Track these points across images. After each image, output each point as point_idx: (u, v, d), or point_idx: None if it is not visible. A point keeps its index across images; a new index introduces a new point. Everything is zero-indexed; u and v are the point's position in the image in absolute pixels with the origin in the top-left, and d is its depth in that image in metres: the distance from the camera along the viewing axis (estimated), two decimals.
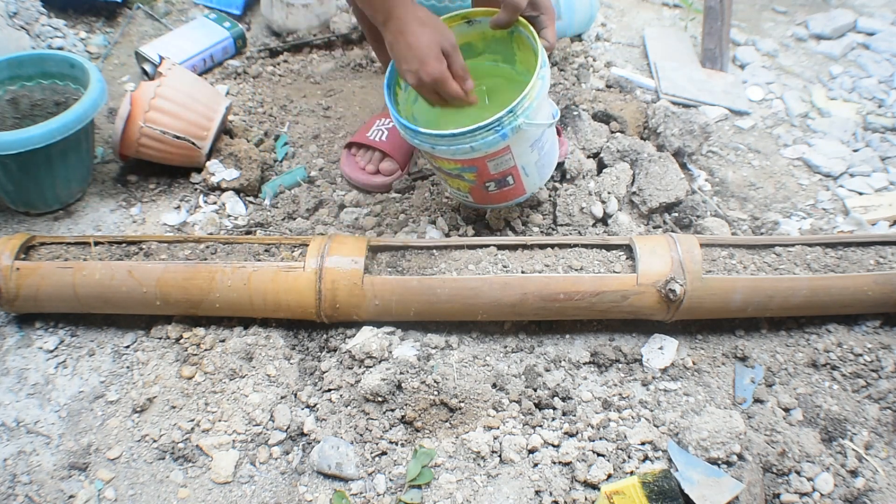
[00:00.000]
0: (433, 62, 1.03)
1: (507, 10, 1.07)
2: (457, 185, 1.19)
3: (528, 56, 1.17)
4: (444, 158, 1.11)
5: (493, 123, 1.04)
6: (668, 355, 1.12)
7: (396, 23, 1.02)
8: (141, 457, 1.02)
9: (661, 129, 1.40)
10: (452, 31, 1.12)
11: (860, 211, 1.39)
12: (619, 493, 0.91)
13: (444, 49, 1.03)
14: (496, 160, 1.10)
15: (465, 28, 1.17)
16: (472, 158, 1.09)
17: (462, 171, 1.13)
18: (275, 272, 1.08)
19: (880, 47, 1.85)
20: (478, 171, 1.12)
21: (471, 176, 1.14)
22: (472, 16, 1.16)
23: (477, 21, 1.16)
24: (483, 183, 1.15)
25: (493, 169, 1.12)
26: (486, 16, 1.14)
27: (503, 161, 1.11)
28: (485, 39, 1.20)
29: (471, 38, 1.19)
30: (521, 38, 1.15)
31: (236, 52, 1.75)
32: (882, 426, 1.05)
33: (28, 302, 1.12)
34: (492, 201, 1.21)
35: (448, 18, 1.16)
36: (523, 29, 1.11)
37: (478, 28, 1.17)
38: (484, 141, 1.05)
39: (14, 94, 1.38)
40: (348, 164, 1.42)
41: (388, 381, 1.03)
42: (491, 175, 1.13)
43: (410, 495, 0.96)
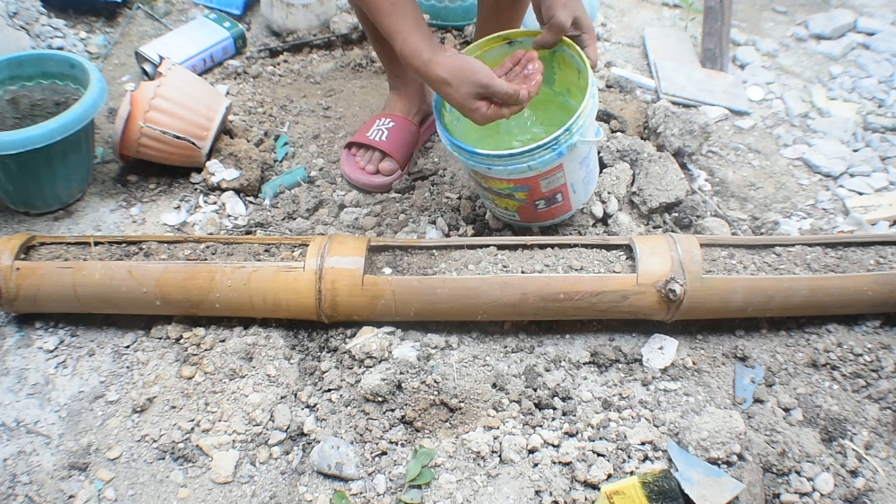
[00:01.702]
0: (472, 114, 1.04)
1: (552, 30, 1.09)
2: (505, 205, 1.20)
3: (568, 75, 1.19)
4: (497, 178, 1.11)
5: (551, 142, 1.05)
6: (668, 355, 1.12)
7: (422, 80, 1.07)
8: (141, 457, 1.02)
9: (661, 129, 1.40)
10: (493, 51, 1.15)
11: (860, 211, 1.39)
12: (619, 493, 0.91)
13: (478, 94, 1.02)
14: (549, 178, 1.11)
15: (506, 49, 1.18)
16: (527, 177, 1.10)
17: (514, 191, 1.14)
18: (275, 272, 1.08)
19: (880, 47, 1.85)
20: (530, 190, 1.13)
21: (522, 195, 1.15)
22: (513, 37, 1.17)
23: (518, 42, 1.17)
24: (533, 201, 1.16)
25: (544, 187, 1.13)
26: (527, 37, 1.15)
27: (555, 179, 1.12)
28: None
29: None
30: (564, 57, 1.16)
31: (236, 52, 1.75)
32: (882, 426, 1.05)
33: (28, 302, 1.12)
34: (539, 219, 1.22)
35: (489, 40, 1.17)
36: (567, 48, 1.12)
37: (518, 48, 1.17)
38: (541, 159, 1.06)
39: (14, 94, 1.38)
40: (348, 163, 1.42)
41: (388, 381, 1.03)
42: (542, 193, 1.14)
43: (410, 495, 0.96)
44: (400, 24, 1.01)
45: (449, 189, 1.40)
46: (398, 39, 1.01)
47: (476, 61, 1.03)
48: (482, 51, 1.17)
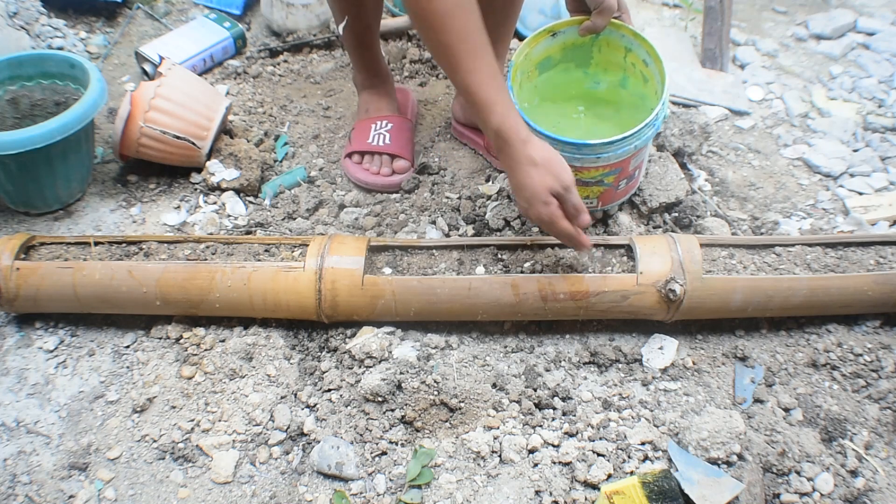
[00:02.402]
0: (540, 206, 1.00)
1: (603, 14, 1.13)
2: (587, 194, 1.21)
3: (610, 56, 1.23)
4: (595, 167, 1.13)
5: (653, 119, 1.10)
6: (668, 355, 1.12)
7: (507, 159, 1.01)
8: (141, 457, 1.02)
9: (661, 129, 1.40)
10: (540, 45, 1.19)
11: (860, 211, 1.39)
12: (619, 493, 0.91)
13: (554, 192, 0.99)
14: (639, 155, 1.15)
15: (550, 41, 1.21)
16: (625, 158, 1.13)
17: (605, 176, 1.16)
18: (275, 272, 1.08)
19: (880, 47, 1.85)
20: (620, 172, 1.16)
21: (611, 179, 1.17)
22: (557, 28, 1.19)
23: (561, 32, 1.20)
24: (618, 182, 1.19)
25: (633, 165, 1.16)
26: (570, 26, 1.18)
27: (641, 155, 1.16)
28: (564, 49, 1.23)
29: (552, 51, 1.23)
30: (610, 39, 1.20)
31: (236, 52, 1.75)
32: (882, 426, 1.05)
33: (28, 302, 1.12)
34: (616, 199, 1.25)
35: (535, 36, 1.19)
36: (615, 29, 1.17)
37: (560, 39, 1.21)
38: (645, 137, 1.11)
39: (14, 94, 1.38)
40: (360, 171, 1.41)
41: (388, 381, 1.03)
42: (629, 172, 1.18)
43: (410, 495, 0.96)
44: (500, 97, 0.98)
45: (449, 189, 1.40)
46: (497, 111, 0.97)
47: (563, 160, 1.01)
48: (530, 47, 1.20)
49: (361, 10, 1.31)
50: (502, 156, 1.02)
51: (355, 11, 1.31)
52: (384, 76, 1.47)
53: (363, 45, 1.39)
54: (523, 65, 1.20)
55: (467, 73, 0.97)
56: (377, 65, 1.44)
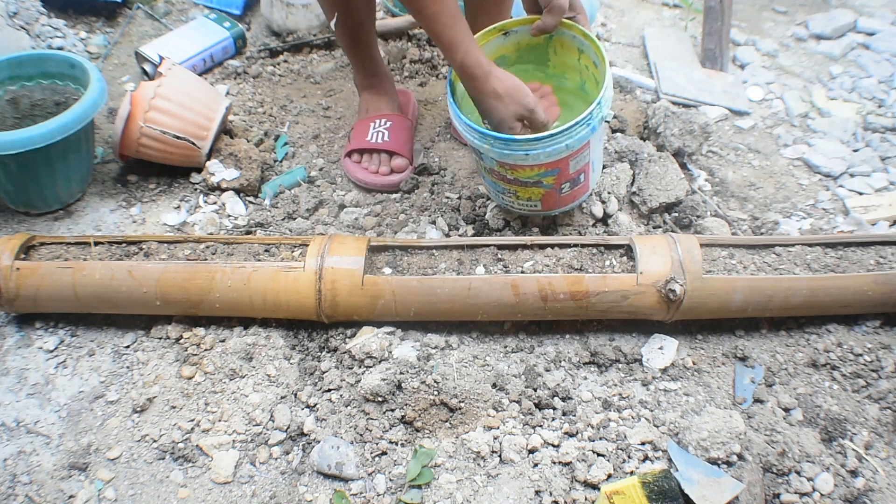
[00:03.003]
0: (506, 132, 1.11)
1: (552, 13, 1.12)
2: (528, 195, 1.19)
3: (565, 58, 1.21)
4: (529, 165, 1.11)
5: (586, 118, 1.07)
6: (668, 355, 1.12)
7: (473, 91, 1.11)
8: (141, 457, 1.02)
9: (661, 129, 1.40)
10: (490, 43, 1.18)
11: (860, 211, 1.39)
12: (619, 493, 0.91)
13: (519, 116, 1.10)
14: (578, 157, 1.12)
15: (502, 40, 1.20)
16: (560, 159, 1.11)
17: (542, 177, 1.14)
18: (275, 272, 1.08)
19: (880, 47, 1.85)
20: (559, 173, 1.14)
21: (550, 180, 1.15)
22: (508, 27, 1.18)
23: (514, 31, 1.18)
24: (560, 185, 1.16)
25: (573, 167, 1.14)
26: (523, 25, 1.17)
27: (582, 157, 1.13)
28: (518, 49, 1.22)
29: (505, 50, 1.21)
30: (563, 39, 1.18)
31: (236, 52, 1.75)
32: (882, 426, 1.05)
33: (28, 302, 1.12)
34: (562, 204, 1.22)
35: (486, 33, 1.18)
36: (567, 30, 1.15)
37: (513, 38, 1.20)
38: (578, 136, 1.08)
39: (14, 94, 1.38)
40: (359, 170, 1.41)
41: (388, 381, 1.03)
42: (570, 175, 1.15)
43: (410, 495, 0.96)
44: (462, 36, 1.07)
45: (449, 189, 1.40)
46: (460, 49, 1.07)
47: (524, 85, 1.10)
48: (480, 44, 1.17)
49: (350, 8, 1.31)
50: (468, 89, 1.11)
51: (344, 7, 1.31)
52: (383, 76, 1.47)
53: (358, 43, 1.39)
54: None
55: (431, 17, 1.06)
56: (376, 64, 1.44)
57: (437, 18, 1.07)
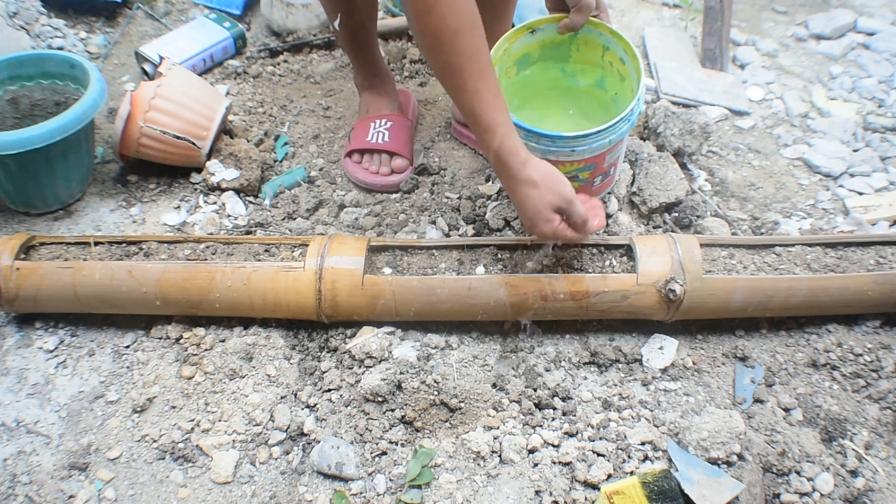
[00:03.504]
0: (543, 224, 1.01)
1: (581, 12, 1.13)
2: None
3: (588, 55, 1.23)
4: (571, 161, 1.13)
5: (628, 114, 1.09)
6: (668, 355, 1.12)
7: (507, 179, 1.01)
8: (141, 457, 1.02)
9: (661, 129, 1.40)
10: (518, 42, 1.19)
11: (860, 211, 1.39)
12: (619, 493, 0.91)
13: (556, 208, 1.01)
14: (614, 151, 1.15)
15: (529, 38, 1.21)
16: (599, 154, 1.12)
17: (580, 171, 1.16)
18: (275, 272, 1.08)
19: (880, 47, 1.85)
20: (595, 168, 1.16)
21: (586, 174, 1.17)
22: (536, 25, 1.19)
23: (540, 29, 1.20)
24: (593, 179, 1.18)
25: (607, 161, 1.16)
26: (550, 23, 1.18)
27: (616, 151, 1.16)
28: (542, 47, 1.23)
29: (530, 48, 1.23)
30: (588, 37, 1.20)
31: (236, 52, 1.75)
32: (882, 426, 1.05)
33: (28, 302, 1.12)
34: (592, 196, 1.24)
35: (515, 31, 1.19)
36: (593, 27, 1.17)
37: (539, 36, 1.21)
38: (620, 132, 1.10)
39: (14, 94, 1.38)
40: (359, 171, 1.41)
41: (388, 381, 1.03)
42: (604, 168, 1.17)
43: (410, 495, 0.96)
44: (502, 119, 0.98)
45: (449, 189, 1.40)
46: (499, 133, 0.97)
47: (563, 176, 1.01)
48: (510, 42, 1.19)
49: (353, 8, 1.31)
50: (502, 177, 1.02)
51: (347, 9, 1.31)
52: (384, 76, 1.47)
53: (359, 43, 1.39)
54: (501, 60, 1.20)
55: (472, 93, 0.96)
56: (376, 64, 1.44)
57: (478, 96, 0.96)
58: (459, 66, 0.95)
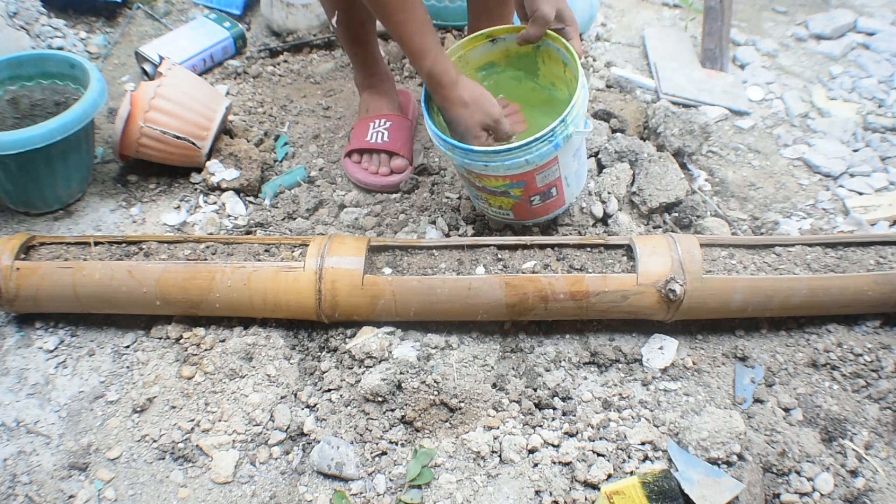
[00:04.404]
0: (472, 140, 1.11)
1: (536, 24, 1.11)
2: (499, 204, 1.19)
3: (553, 69, 1.19)
4: (493, 176, 1.11)
5: (547, 134, 1.05)
6: (668, 355, 1.12)
7: (440, 99, 1.11)
8: (141, 457, 1.02)
9: (661, 129, 1.40)
10: (477, 49, 1.18)
11: (860, 211, 1.39)
12: (619, 493, 0.91)
13: (485, 126, 1.11)
14: (544, 172, 1.11)
15: (489, 47, 1.19)
16: (523, 172, 1.10)
17: (509, 188, 1.14)
18: (275, 272, 1.08)
19: (880, 47, 1.85)
20: (525, 186, 1.13)
21: (517, 192, 1.14)
22: (496, 34, 1.18)
23: (501, 39, 1.18)
24: (528, 197, 1.16)
25: (540, 182, 1.13)
26: (510, 33, 1.16)
27: (550, 172, 1.12)
28: (507, 56, 1.21)
29: (494, 56, 1.21)
30: (549, 51, 1.17)
31: (236, 52, 1.75)
32: (882, 426, 1.05)
33: (28, 302, 1.12)
34: (534, 216, 1.22)
35: (472, 38, 1.18)
36: (552, 42, 1.13)
37: (501, 46, 1.19)
38: (539, 153, 1.06)
39: (14, 94, 1.38)
40: (358, 171, 1.41)
41: (388, 381, 1.03)
42: (538, 188, 1.14)
43: (410, 495, 0.96)
44: (430, 44, 1.07)
45: (449, 189, 1.40)
46: (429, 57, 1.07)
47: (491, 96, 1.11)
48: (465, 49, 1.18)
49: (352, 7, 1.32)
50: (436, 96, 1.12)
51: (345, 6, 1.32)
52: (384, 76, 1.47)
53: (358, 41, 1.39)
54: (457, 65, 1.16)
55: (399, 24, 1.07)
56: (376, 64, 1.44)
57: (404, 25, 1.07)
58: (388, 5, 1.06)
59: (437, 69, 1.08)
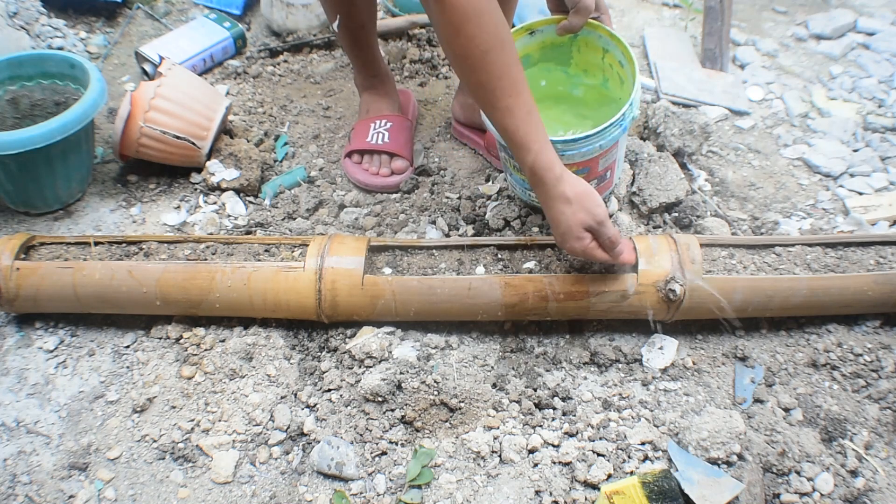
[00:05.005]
0: (574, 241, 1.02)
1: (579, 14, 1.12)
2: None
3: (589, 57, 1.22)
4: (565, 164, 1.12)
5: (619, 119, 1.08)
6: (668, 355, 1.12)
7: (542, 195, 1.02)
8: (141, 457, 1.02)
9: (661, 129, 1.40)
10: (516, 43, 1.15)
11: (860, 211, 1.39)
12: (619, 493, 0.91)
13: (587, 227, 1.01)
14: (608, 156, 1.14)
15: (528, 39, 1.20)
16: (592, 158, 1.12)
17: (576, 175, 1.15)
18: (275, 272, 1.08)
19: (880, 47, 1.85)
20: (589, 171, 1.15)
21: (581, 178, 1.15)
22: (535, 26, 1.19)
23: (539, 31, 1.19)
24: (588, 182, 1.17)
25: (601, 165, 1.15)
26: (549, 24, 1.18)
27: (611, 155, 1.15)
28: (542, 48, 1.23)
29: (530, 49, 1.22)
30: (587, 39, 1.19)
31: (236, 52, 1.75)
32: (882, 426, 1.05)
33: (28, 302, 1.12)
34: None
35: (513, 32, 1.18)
36: (593, 30, 1.16)
37: (538, 38, 1.21)
38: (611, 136, 1.09)
39: (14, 94, 1.38)
40: (359, 171, 1.41)
41: (388, 381, 1.03)
42: (598, 172, 1.16)
43: (410, 495, 0.96)
44: (536, 135, 0.98)
45: (449, 189, 1.40)
46: (533, 149, 0.98)
47: (597, 195, 1.02)
48: None
49: (353, 9, 1.31)
50: (537, 192, 1.02)
51: (346, 10, 1.31)
52: (384, 76, 1.47)
53: (359, 44, 1.39)
54: None
55: (505, 111, 0.97)
56: (376, 65, 1.44)
57: (511, 113, 0.97)
58: (491, 85, 0.95)
59: (541, 163, 0.98)
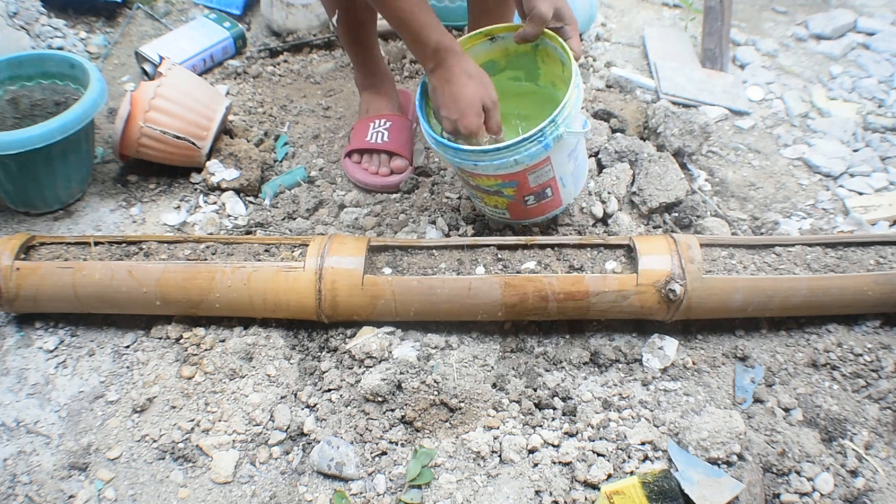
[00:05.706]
0: (473, 117, 1.07)
1: (533, 23, 1.09)
2: (494, 203, 1.19)
3: (553, 69, 1.18)
4: (485, 175, 1.11)
5: (536, 134, 1.05)
6: (668, 355, 1.12)
7: (444, 72, 1.08)
8: (141, 457, 1.02)
9: (661, 129, 1.40)
10: (476, 47, 1.17)
11: (860, 211, 1.39)
12: (619, 493, 0.91)
13: (484, 105, 1.08)
14: (537, 172, 1.10)
15: (488, 45, 1.19)
16: (514, 172, 1.09)
17: (502, 187, 1.13)
18: (275, 272, 1.08)
19: (880, 47, 1.85)
20: (518, 185, 1.12)
21: (510, 191, 1.14)
22: (494, 32, 1.17)
23: (500, 37, 1.17)
24: (522, 197, 1.15)
25: (532, 182, 1.12)
26: (509, 31, 1.15)
27: (543, 173, 1.11)
28: (507, 55, 1.21)
29: (493, 55, 1.20)
30: (547, 50, 1.16)
31: (236, 52, 1.75)
32: (882, 426, 1.05)
33: (28, 302, 1.12)
34: (530, 216, 1.21)
35: (471, 37, 1.17)
36: (550, 41, 1.12)
37: (500, 44, 1.19)
38: (528, 153, 1.06)
39: (14, 94, 1.38)
40: (358, 171, 1.41)
41: (388, 381, 1.03)
42: (531, 188, 1.13)
43: (410, 495, 0.96)
44: (430, 19, 1.06)
45: (449, 189, 1.40)
46: (435, 30, 1.06)
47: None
48: (464, 48, 1.17)
49: (352, 7, 1.32)
50: (440, 69, 1.08)
51: (346, 7, 1.32)
52: (384, 76, 1.47)
53: (358, 42, 1.39)
54: None
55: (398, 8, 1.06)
56: (376, 64, 1.45)
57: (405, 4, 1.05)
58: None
59: (445, 41, 1.06)
